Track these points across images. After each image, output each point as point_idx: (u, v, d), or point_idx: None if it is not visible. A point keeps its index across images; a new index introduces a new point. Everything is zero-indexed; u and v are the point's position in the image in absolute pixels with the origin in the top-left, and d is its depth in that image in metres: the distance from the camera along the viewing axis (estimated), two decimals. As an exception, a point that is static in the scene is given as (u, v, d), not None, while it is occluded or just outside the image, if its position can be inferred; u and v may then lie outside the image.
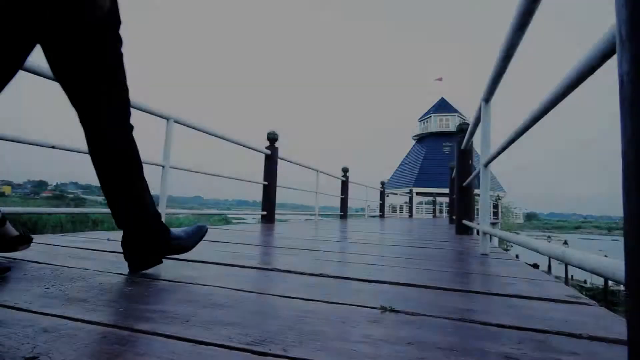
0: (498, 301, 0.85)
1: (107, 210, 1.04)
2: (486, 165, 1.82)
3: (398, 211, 21.38)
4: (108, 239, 1.77)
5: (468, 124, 3.36)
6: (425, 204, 22.78)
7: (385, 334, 0.59)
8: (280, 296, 0.81)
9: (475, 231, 3.28)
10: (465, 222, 3.18)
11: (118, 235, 1.96)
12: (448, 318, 0.69)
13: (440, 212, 19.89)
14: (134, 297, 0.75)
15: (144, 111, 2.39)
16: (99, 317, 0.61)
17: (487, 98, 1.81)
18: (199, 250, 1.52)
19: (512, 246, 21.35)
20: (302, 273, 1.11)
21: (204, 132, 2.95)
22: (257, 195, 4.09)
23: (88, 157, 1.00)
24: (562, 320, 0.71)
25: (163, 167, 2.57)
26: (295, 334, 0.57)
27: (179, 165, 2.75)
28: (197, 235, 1.18)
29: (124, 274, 0.98)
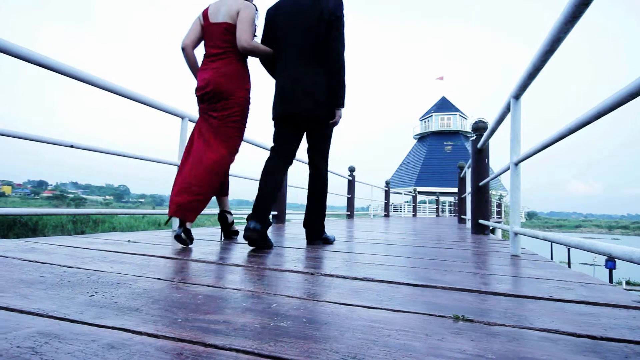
0: (568, 308, 0.79)
1: (108, 210, 1.04)
2: (517, 164, 1.77)
3: (400, 210, 21.32)
4: (129, 241, 1.72)
5: (484, 122, 3.31)
6: (429, 203, 22.73)
7: (480, 348, 0.54)
8: (339, 303, 0.76)
9: (491, 230, 3.22)
10: (484, 222, 3.13)
11: (136, 236, 1.92)
12: (531, 328, 0.64)
13: (443, 211, 19.84)
14: (187, 305, 0.70)
15: (158, 109, 2.34)
16: (163, 330, 0.56)
17: (518, 94, 1.76)
18: (231, 254, 1.47)
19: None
20: (344, 277, 1.06)
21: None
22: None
23: (90, 157, 0.96)
24: (652, 330, 0.66)
25: (177, 166, 2.52)
26: (383, 349, 0.52)
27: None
28: (330, 240, 1.99)
29: (162, 279, 0.93)
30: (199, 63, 1.85)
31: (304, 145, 1.99)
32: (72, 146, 1.76)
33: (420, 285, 0.98)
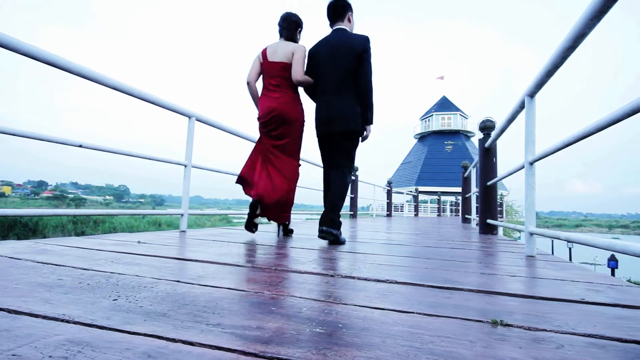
0: (605, 312, 0.77)
1: (109, 211, 1.01)
2: (532, 163, 1.75)
3: (400, 210, 21.28)
4: (139, 242, 1.69)
5: (492, 122, 3.29)
6: (430, 202, 22.73)
7: (532, 356, 0.51)
8: (370, 307, 0.74)
9: (500, 230, 3.19)
10: (492, 222, 3.11)
11: (145, 237, 1.89)
12: (575, 334, 0.62)
13: (444, 210, 19.80)
14: (215, 310, 0.67)
15: (165, 108, 2.32)
16: (197, 337, 0.53)
17: (533, 93, 1.74)
18: (244, 255, 1.45)
19: (518, 238, 21.25)
20: (366, 279, 1.04)
21: (225, 130, 2.87)
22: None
23: (90, 157, 0.93)
24: (699, 335, 0.64)
25: (185, 166, 2.49)
26: (431, 357, 0.50)
27: (201, 165, 2.67)
28: (341, 241, 2.04)
29: (182, 282, 0.90)
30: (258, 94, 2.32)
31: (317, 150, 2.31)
32: (80, 146, 1.74)
33: (446, 288, 0.95)
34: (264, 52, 2.23)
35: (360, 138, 2.23)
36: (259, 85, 2.30)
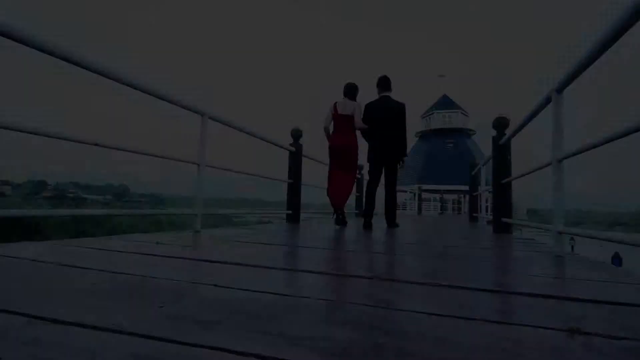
0: (677, 317, 0.73)
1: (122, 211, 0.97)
2: (561, 161, 1.70)
3: (402, 208, 21.20)
4: (157, 243, 1.65)
5: (506, 118, 3.24)
6: (432, 200, 22.65)
7: (639, 371, 0.47)
8: (429, 314, 0.69)
9: (514, 229, 3.15)
10: (508, 220, 3.06)
11: (162, 238, 1.84)
12: (665, 343, 0.57)
13: (446, 209, 19.74)
14: (271, 318, 0.63)
15: (176, 105, 2.26)
16: (270, 351, 0.49)
17: (561, 88, 1.69)
18: (267, 257, 1.40)
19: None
20: (407, 282, 0.99)
21: (236, 128, 2.82)
22: (257, 194, 4.01)
23: (90, 156, 0.89)
24: None
25: (198, 165, 2.44)
26: (532, 373, 0.45)
27: (215, 164, 2.61)
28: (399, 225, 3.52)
29: (220, 286, 0.85)
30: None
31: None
32: (96, 144, 1.69)
33: (496, 291, 0.91)
34: (334, 106, 3.42)
35: (399, 165, 3.47)
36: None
